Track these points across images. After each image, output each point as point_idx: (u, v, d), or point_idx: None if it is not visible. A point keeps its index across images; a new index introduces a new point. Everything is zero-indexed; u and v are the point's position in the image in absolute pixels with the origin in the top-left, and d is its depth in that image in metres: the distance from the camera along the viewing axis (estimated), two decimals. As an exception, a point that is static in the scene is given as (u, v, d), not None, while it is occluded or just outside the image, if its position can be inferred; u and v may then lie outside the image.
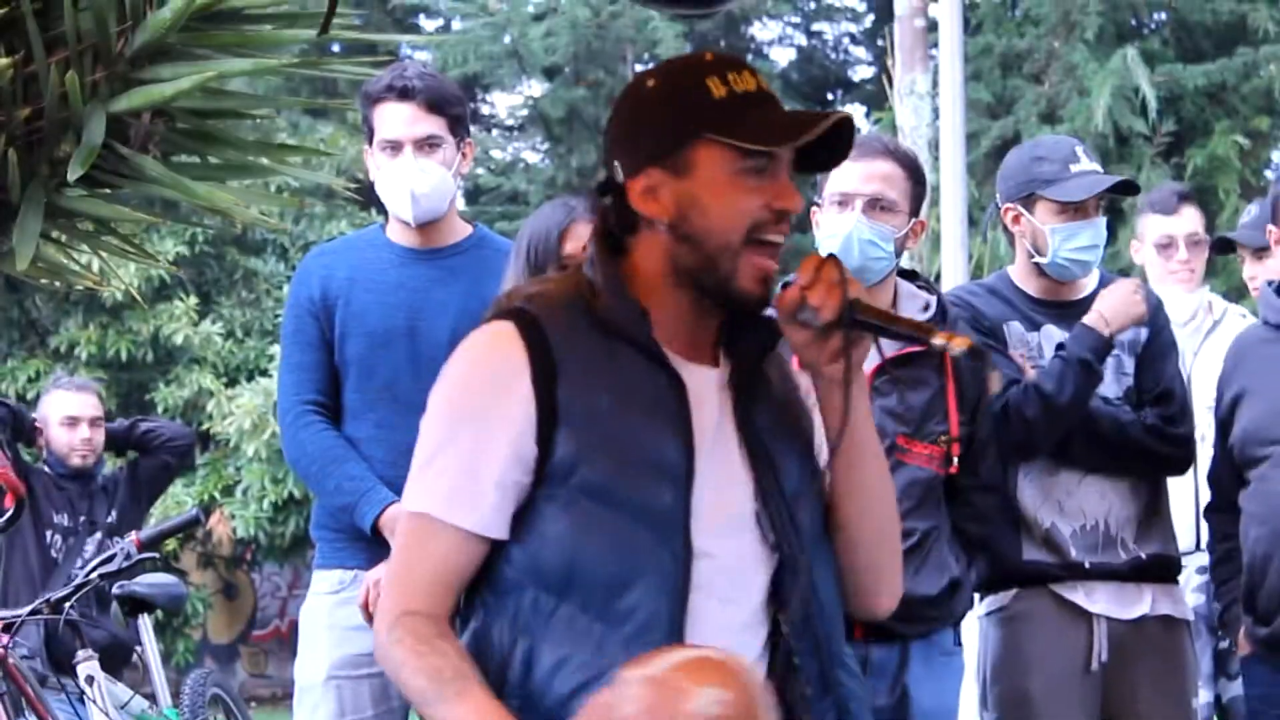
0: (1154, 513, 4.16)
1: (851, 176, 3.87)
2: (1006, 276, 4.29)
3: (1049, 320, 4.17)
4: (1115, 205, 4.13)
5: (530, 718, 2.30)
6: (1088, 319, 4.06)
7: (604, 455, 2.34)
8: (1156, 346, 4.19)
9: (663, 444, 2.35)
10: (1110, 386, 4.15)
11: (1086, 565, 4.08)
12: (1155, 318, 4.21)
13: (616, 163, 2.42)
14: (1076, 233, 4.12)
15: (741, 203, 2.35)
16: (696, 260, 2.37)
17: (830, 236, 3.86)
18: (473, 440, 2.37)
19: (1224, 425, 4.18)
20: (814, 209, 3.98)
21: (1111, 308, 4.07)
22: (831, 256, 2.41)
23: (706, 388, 2.41)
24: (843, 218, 3.85)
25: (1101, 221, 4.17)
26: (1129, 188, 4.29)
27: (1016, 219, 4.20)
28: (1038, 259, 4.17)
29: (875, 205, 3.85)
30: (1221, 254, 5.40)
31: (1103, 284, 4.24)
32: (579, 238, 3.54)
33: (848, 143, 2.42)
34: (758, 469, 2.41)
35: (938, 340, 2.34)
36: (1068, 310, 4.18)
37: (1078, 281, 4.23)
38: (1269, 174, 16.02)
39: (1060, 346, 4.07)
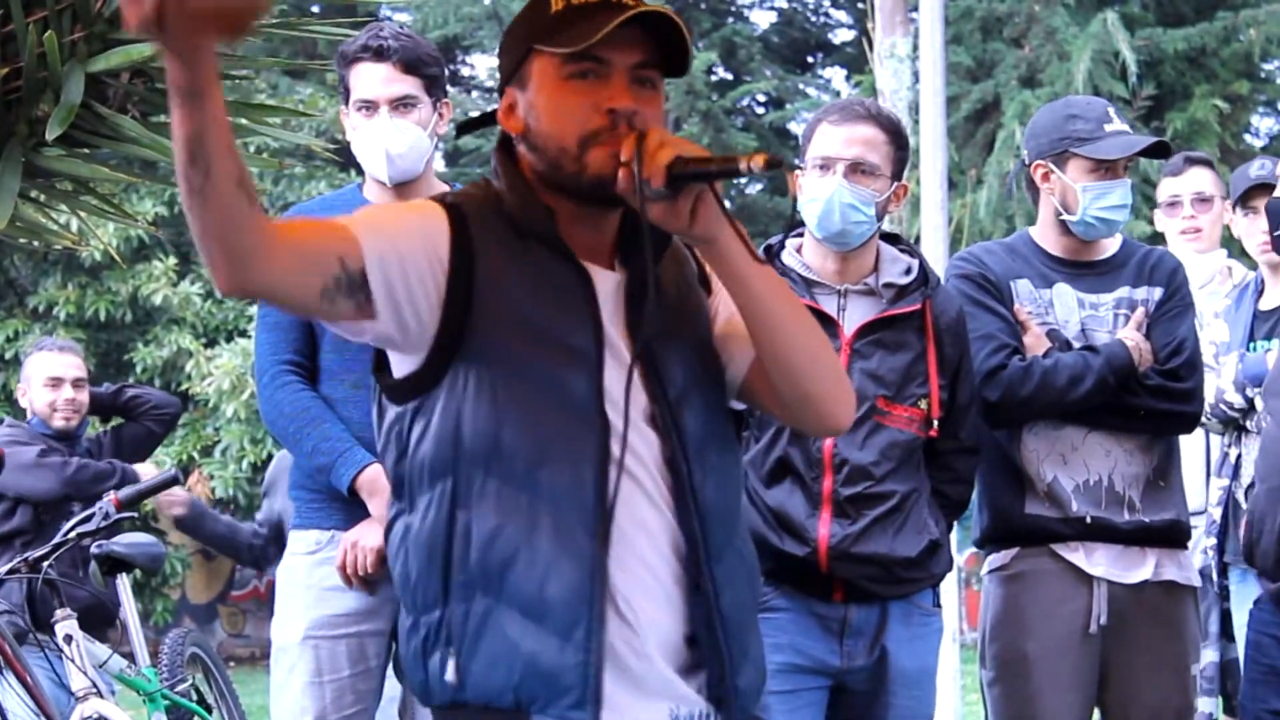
0: (1163, 475, 4.16)
1: (834, 141, 3.86)
2: (1027, 235, 4.30)
3: (1063, 278, 4.18)
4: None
5: (476, 590, 2.42)
6: (1128, 343, 4.08)
7: (519, 337, 2.44)
8: (1171, 305, 4.19)
9: (574, 331, 2.46)
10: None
11: (1088, 519, 4.07)
12: (1172, 278, 4.22)
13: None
14: (1107, 192, 4.13)
15: (570, 104, 2.45)
16: (545, 165, 2.49)
17: (812, 200, 3.86)
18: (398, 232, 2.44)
19: None
20: (797, 173, 3.97)
21: (1150, 347, 4.12)
22: (642, 132, 2.43)
23: (605, 288, 2.52)
24: (824, 181, 3.85)
25: (1129, 182, 4.18)
26: (1163, 149, 4.31)
27: (1046, 176, 4.20)
28: (1065, 217, 4.17)
29: (857, 169, 3.85)
30: (1243, 203, 5.30)
31: (1125, 248, 4.25)
32: None
33: (682, 49, 2.47)
34: (645, 372, 2.50)
35: (743, 164, 2.41)
36: (1085, 270, 4.20)
37: (1100, 242, 4.23)
38: (1248, 138, 16.06)
39: (1089, 348, 4.08)
